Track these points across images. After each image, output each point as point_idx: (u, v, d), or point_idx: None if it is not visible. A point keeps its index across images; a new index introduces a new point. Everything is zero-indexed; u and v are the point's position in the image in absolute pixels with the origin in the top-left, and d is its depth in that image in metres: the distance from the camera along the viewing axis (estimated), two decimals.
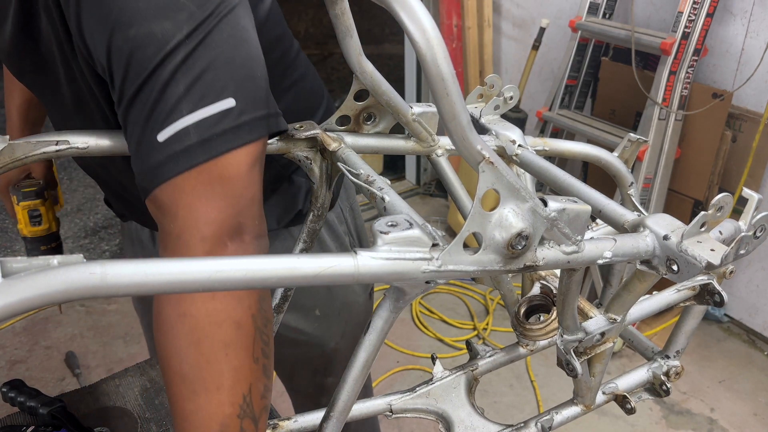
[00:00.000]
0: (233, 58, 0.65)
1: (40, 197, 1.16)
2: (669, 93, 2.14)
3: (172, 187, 0.63)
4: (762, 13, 2.10)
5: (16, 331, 2.56)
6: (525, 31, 2.91)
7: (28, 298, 0.40)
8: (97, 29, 0.63)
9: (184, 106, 0.62)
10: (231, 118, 0.64)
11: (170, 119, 0.62)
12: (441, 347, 2.49)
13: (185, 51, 0.62)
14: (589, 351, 0.72)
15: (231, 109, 0.64)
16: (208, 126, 0.63)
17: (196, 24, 0.62)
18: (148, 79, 0.62)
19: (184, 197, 0.63)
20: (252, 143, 0.66)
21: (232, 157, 0.64)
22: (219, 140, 0.63)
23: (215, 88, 0.63)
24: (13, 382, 1.02)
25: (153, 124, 0.62)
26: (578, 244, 0.58)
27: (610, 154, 0.86)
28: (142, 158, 0.64)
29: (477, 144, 0.52)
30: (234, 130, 0.64)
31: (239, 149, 0.65)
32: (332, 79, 4.93)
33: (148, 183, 0.64)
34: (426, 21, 0.49)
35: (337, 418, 0.68)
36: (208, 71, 0.63)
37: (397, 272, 0.52)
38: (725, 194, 0.59)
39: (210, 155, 0.63)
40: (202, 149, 0.62)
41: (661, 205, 2.32)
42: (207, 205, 0.63)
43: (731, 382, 2.31)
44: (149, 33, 0.61)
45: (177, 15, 0.62)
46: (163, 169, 0.63)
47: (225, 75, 0.64)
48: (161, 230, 0.65)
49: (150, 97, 0.62)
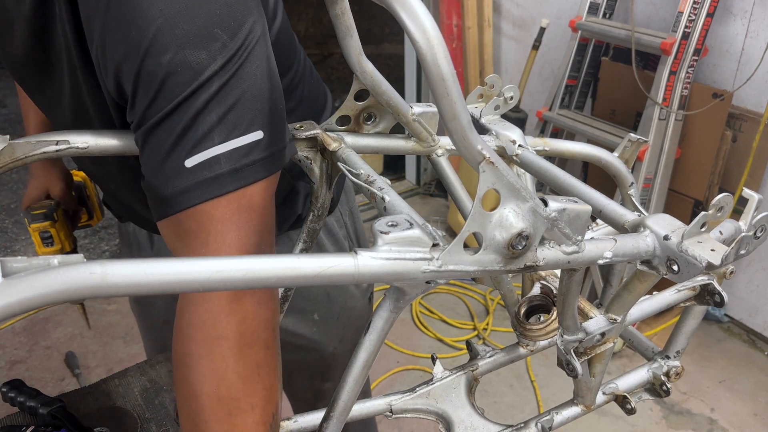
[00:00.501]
0: (262, 90, 0.66)
1: (49, 219, 1.18)
2: (669, 93, 2.14)
3: (200, 212, 0.64)
4: (762, 13, 2.10)
5: (16, 331, 2.56)
6: (525, 31, 2.91)
7: (29, 298, 0.40)
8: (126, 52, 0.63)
9: (216, 135, 0.63)
10: (259, 149, 0.66)
11: (201, 147, 0.63)
12: (441, 347, 2.49)
13: (219, 82, 0.63)
14: (590, 351, 0.72)
15: (259, 141, 0.66)
16: (239, 156, 0.64)
17: (230, 56, 0.64)
18: (179, 105, 0.63)
19: (215, 224, 0.64)
20: (274, 174, 0.68)
21: (259, 187, 0.66)
22: (249, 170, 0.65)
23: (246, 120, 0.65)
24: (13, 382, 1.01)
25: (181, 150, 0.63)
26: (579, 245, 0.58)
27: (610, 154, 0.86)
28: (165, 181, 0.65)
29: (477, 144, 0.52)
30: (262, 161, 0.66)
31: (264, 180, 0.67)
32: (332, 79, 4.93)
33: (170, 206, 0.65)
34: (426, 21, 0.49)
35: (337, 418, 0.68)
36: (240, 103, 0.64)
37: (398, 272, 0.52)
38: (725, 194, 0.59)
39: (240, 185, 0.65)
40: (233, 178, 0.64)
41: (661, 205, 2.32)
42: (238, 232, 0.65)
43: (731, 382, 2.31)
44: (184, 61, 0.62)
45: (211, 45, 0.63)
46: (191, 194, 0.64)
47: (255, 107, 0.66)
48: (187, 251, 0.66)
49: (180, 123, 0.63)
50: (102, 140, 0.76)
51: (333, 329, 1.19)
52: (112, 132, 0.76)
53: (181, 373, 0.65)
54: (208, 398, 0.63)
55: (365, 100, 0.81)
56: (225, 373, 0.63)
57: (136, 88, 0.64)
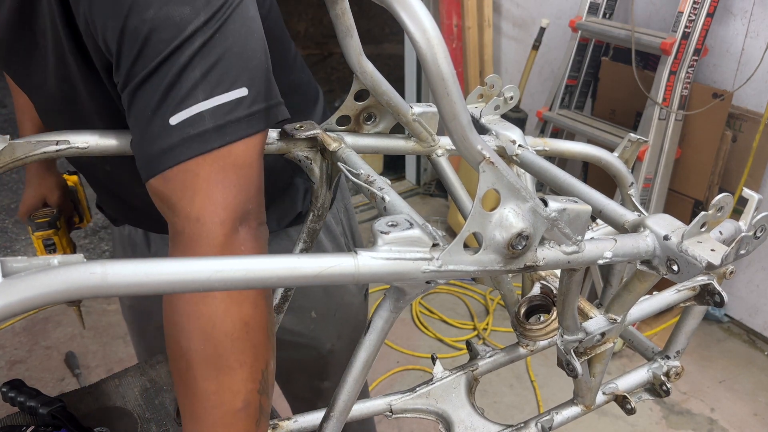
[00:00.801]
0: (245, 48, 0.66)
1: (53, 227, 1.21)
2: (669, 93, 2.14)
3: (185, 170, 0.64)
4: (762, 13, 2.10)
5: (16, 331, 2.56)
6: (525, 31, 2.91)
7: (29, 298, 0.40)
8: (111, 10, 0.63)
9: (200, 92, 0.63)
10: (244, 107, 0.66)
11: (185, 104, 0.63)
12: (441, 347, 2.49)
13: (203, 38, 0.63)
14: (590, 351, 0.72)
15: (244, 98, 0.65)
16: (223, 113, 0.64)
17: (213, 11, 0.64)
18: (163, 62, 0.63)
19: (199, 182, 0.64)
20: (260, 133, 0.68)
21: (244, 145, 0.66)
22: (233, 127, 0.65)
23: (230, 77, 0.65)
24: (13, 382, 1.01)
25: (166, 108, 0.63)
26: (579, 245, 0.58)
27: (610, 154, 0.86)
28: (151, 140, 0.65)
29: (477, 144, 0.52)
30: (247, 118, 0.66)
31: (250, 138, 0.66)
32: (332, 79, 4.92)
33: (156, 164, 0.65)
34: (426, 21, 0.49)
35: (337, 418, 0.68)
36: (224, 59, 0.64)
37: (398, 272, 0.52)
38: (725, 194, 0.59)
39: (224, 141, 0.64)
40: (218, 135, 0.64)
41: (661, 205, 2.32)
42: (224, 191, 0.64)
43: (731, 382, 2.31)
44: (167, 16, 0.62)
45: (195, 1, 0.63)
46: (176, 151, 0.64)
47: (239, 64, 0.65)
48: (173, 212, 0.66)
49: (164, 81, 0.63)
50: (102, 140, 0.76)
51: (330, 326, 1.19)
52: (113, 132, 0.76)
53: (169, 333, 0.65)
54: (195, 356, 0.63)
55: (365, 100, 0.81)
56: (212, 331, 0.63)
57: (121, 47, 0.64)
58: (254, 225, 0.68)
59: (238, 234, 0.65)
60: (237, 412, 0.63)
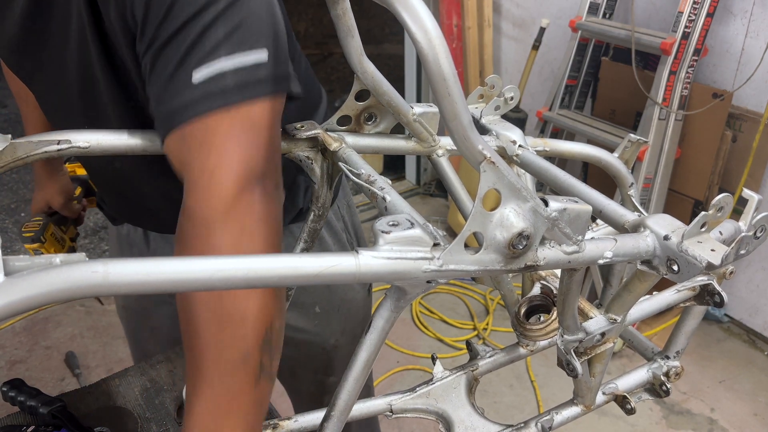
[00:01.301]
0: (266, 14, 0.69)
1: (37, 242, 1.21)
2: (669, 93, 2.15)
3: (205, 124, 0.65)
4: (762, 13, 2.11)
5: (16, 331, 2.56)
6: (525, 31, 2.91)
7: (31, 297, 0.40)
8: None
9: (223, 49, 0.65)
10: (264, 68, 0.67)
11: (207, 60, 0.65)
12: (441, 347, 2.49)
13: (227, 1, 0.65)
14: (590, 351, 0.72)
15: (264, 62, 0.67)
16: (245, 74, 0.66)
17: None
18: (188, 22, 0.65)
19: (218, 136, 0.65)
20: (279, 95, 0.70)
21: (263, 106, 0.67)
22: (253, 87, 0.66)
23: (251, 38, 0.67)
24: (13, 381, 1.01)
25: (188, 64, 0.65)
26: (579, 244, 0.58)
27: (610, 154, 0.86)
28: (172, 96, 0.66)
29: (478, 144, 0.52)
30: (266, 80, 0.67)
31: (269, 99, 0.68)
32: (332, 79, 4.93)
33: (176, 118, 0.66)
34: (428, 20, 0.49)
35: (337, 417, 0.68)
36: (246, 22, 0.66)
37: (399, 272, 0.52)
38: (725, 194, 0.59)
39: (244, 98, 0.66)
40: (239, 92, 0.66)
41: (661, 205, 2.32)
42: (240, 148, 0.65)
43: (731, 382, 2.31)
44: None
45: None
46: (197, 105, 0.65)
47: (260, 28, 0.67)
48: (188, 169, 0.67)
49: (188, 39, 0.65)
50: (103, 140, 0.76)
51: (334, 321, 1.19)
52: (113, 132, 0.77)
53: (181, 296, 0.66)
54: (199, 309, 0.63)
55: (366, 100, 0.81)
56: None
57: (147, 12, 0.66)
58: (270, 186, 0.68)
59: (253, 193, 0.65)
60: (235, 363, 0.63)
